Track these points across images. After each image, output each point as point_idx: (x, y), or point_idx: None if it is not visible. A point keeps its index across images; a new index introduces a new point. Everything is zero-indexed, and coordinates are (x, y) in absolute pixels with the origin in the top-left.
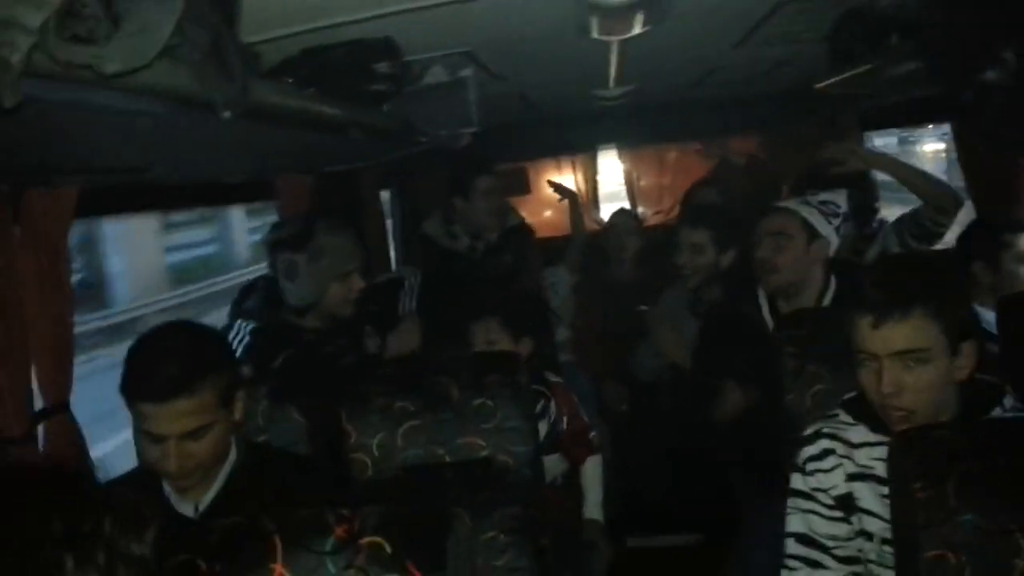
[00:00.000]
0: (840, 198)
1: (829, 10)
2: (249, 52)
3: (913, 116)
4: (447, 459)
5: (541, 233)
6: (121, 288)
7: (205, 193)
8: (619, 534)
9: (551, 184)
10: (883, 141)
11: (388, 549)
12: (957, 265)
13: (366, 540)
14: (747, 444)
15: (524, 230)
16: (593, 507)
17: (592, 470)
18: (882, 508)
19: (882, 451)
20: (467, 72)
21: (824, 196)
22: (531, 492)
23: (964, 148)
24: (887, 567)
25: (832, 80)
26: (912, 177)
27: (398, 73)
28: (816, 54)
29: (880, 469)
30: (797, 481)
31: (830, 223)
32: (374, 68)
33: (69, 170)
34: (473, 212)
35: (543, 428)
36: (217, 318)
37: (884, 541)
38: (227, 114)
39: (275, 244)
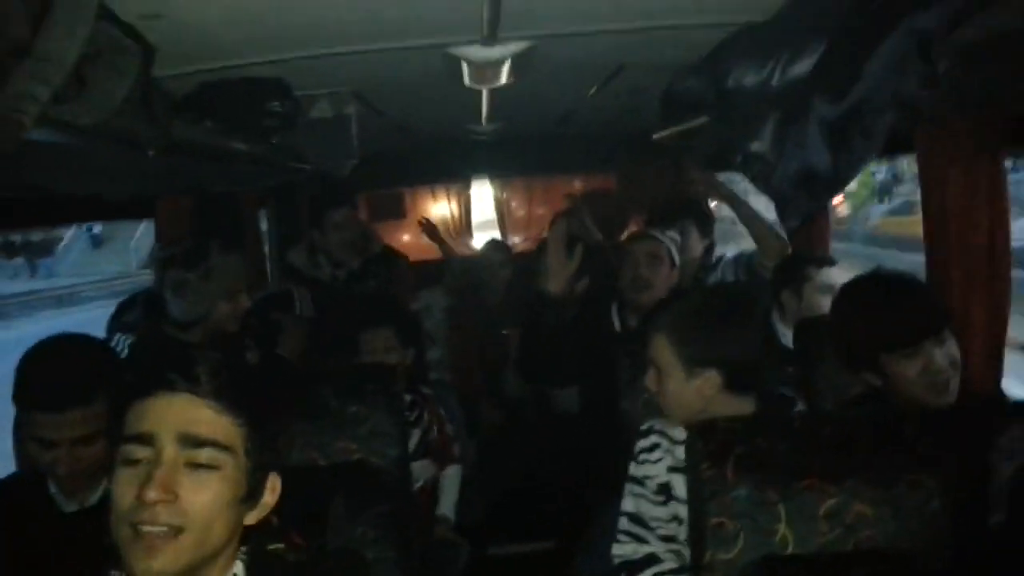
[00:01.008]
0: (677, 236)
1: (663, 74)
2: (167, 94)
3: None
4: (321, 463)
5: (417, 256)
6: None
7: (90, 210)
8: (482, 542)
9: (421, 225)
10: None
11: (275, 521)
12: (769, 292)
13: None
14: (592, 447)
15: (388, 256)
16: (446, 507)
17: (451, 476)
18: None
19: None
20: (351, 109)
21: (671, 232)
22: (399, 492)
23: None
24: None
25: (664, 133)
26: (752, 218)
27: (289, 111)
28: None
29: None
30: (632, 468)
31: (680, 255)
32: (267, 105)
33: None
34: (330, 243)
35: (416, 435)
36: None
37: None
38: (151, 152)
39: (167, 261)
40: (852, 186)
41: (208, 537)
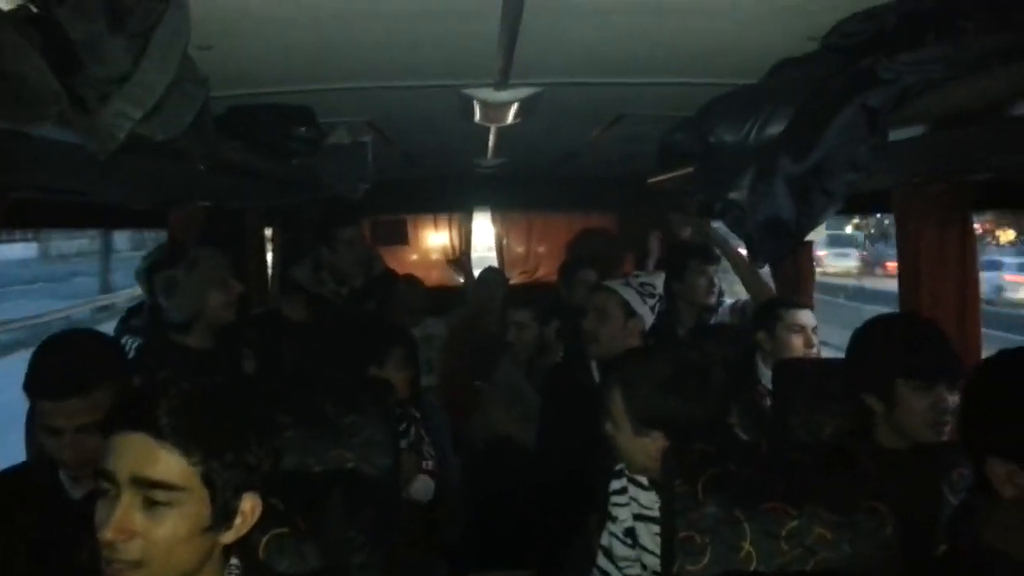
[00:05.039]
0: (658, 281)
1: (659, 124)
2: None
3: None
4: (316, 468)
5: (429, 283)
6: None
7: (109, 217)
8: (461, 564)
9: (451, 263)
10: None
11: (281, 507)
12: (746, 334)
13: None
14: (579, 479)
15: (389, 278)
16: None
17: (419, 485)
18: (654, 546)
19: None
20: (366, 137)
21: (644, 279)
22: (388, 500)
23: None
24: None
25: (658, 178)
26: (739, 265)
27: (312, 136)
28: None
29: (656, 511)
30: (609, 505)
31: (645, 303)
32: (293, 130)
33: (10, 187)
34: (338, 261)
35: (402, 445)
36: None
37: (653, 572)
38: (202, 167)
39: (152, 266)
40: None
41: (170, 567)
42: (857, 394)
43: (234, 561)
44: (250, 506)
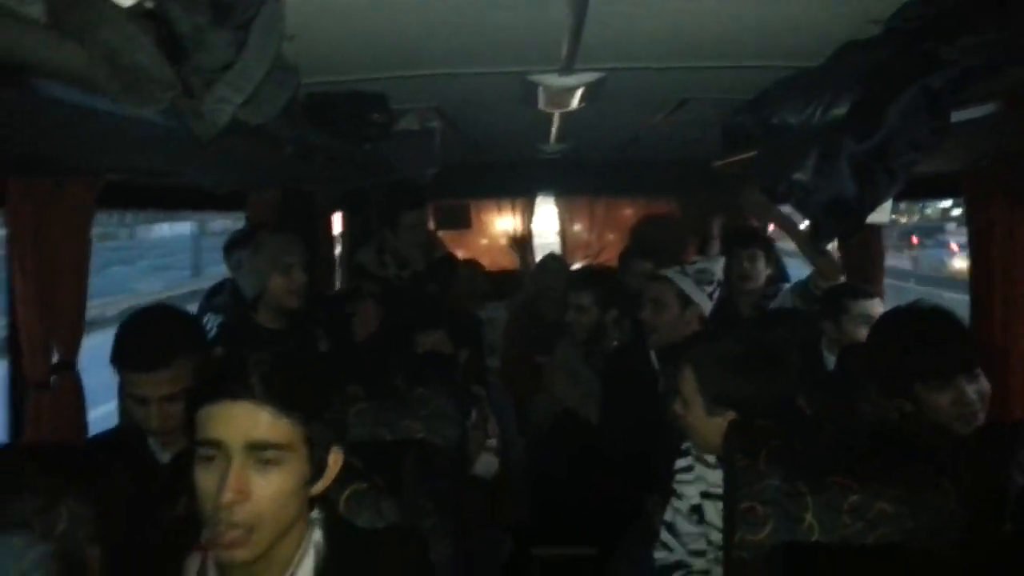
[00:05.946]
0: (716, 266)
1: (722, 108)
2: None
3: None
4: (388, 438)
5: (490, 267)
6: None
7: (193, 199)
8: (526, 542)
9: (512, 243)
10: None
11: (359, 465)
12: (813, 322)
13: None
14: (639, 460)
15: (450, 262)
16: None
17: (484, 462)
18: (721, 522)
19: None
20: (434, 123)
21: (700, 264)
22: (456, 469)
23: None
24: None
25: (723, 161)
26: (806, 243)
27: (385, 122)
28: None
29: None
30: (674, 483)
31: (703, 290)
32: (367, 116)
33: (108, 168)
34: (400, 244)
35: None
36: None
37: (719, 547)
38: (289, 149)
39: (228, 246)
40: None
41: (279, 524)
42: (887, 397)
43: (315, 514)
44: (335, 460)
